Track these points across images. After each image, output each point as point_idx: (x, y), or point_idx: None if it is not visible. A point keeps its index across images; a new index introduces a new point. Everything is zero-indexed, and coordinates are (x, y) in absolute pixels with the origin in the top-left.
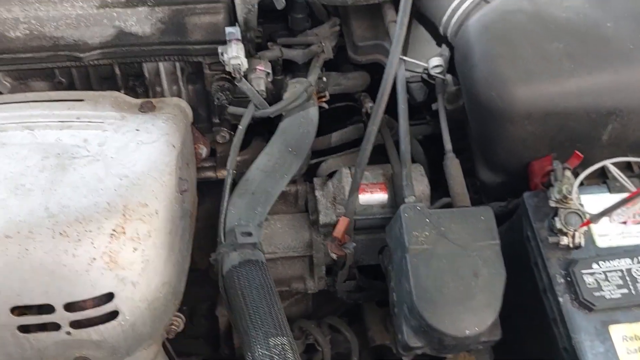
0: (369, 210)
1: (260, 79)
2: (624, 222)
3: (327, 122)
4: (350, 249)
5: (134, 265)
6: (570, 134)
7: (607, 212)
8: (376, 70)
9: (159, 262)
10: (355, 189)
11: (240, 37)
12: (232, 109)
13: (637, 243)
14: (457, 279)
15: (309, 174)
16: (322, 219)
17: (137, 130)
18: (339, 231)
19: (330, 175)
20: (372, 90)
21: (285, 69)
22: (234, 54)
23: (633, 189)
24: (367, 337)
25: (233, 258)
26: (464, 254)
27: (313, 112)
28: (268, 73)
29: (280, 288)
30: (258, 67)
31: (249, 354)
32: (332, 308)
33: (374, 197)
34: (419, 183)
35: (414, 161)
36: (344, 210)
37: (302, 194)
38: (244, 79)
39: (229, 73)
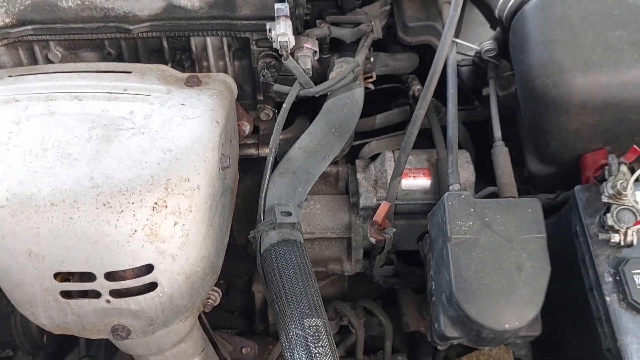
0: (410, 195)
1: (307, 57)
2: None
3: (372, 103)
4: (390, 234)
5: (174, 238)
6: (629, 126)
7: None
8: (425, 52)
9: (199, 237)
10: (398, 174)
11: (288, 14)
12: (277, 87)
13: None
14: (499, 271)
15: (350, 155)
16: (363, 202)
17: (183, 104)
18: (379, 216)
19: (373, 157)
20: (420, 73)
21: (333, 47)
22: (282, 31)
23: None
24: (402, 323)
25: (272, 237)
26: (508, 246)
27: (359, 93)
28: (315, 51)
29: (316, 269)
30: (305, 45)
31: (284, 333)
32: (367, 291)
33: (416, 182)
34: (464, 170)
35: (460, 147)
36: (385, 194)
37: (343, 176)
38: (290, 56)
39: (276, 50)
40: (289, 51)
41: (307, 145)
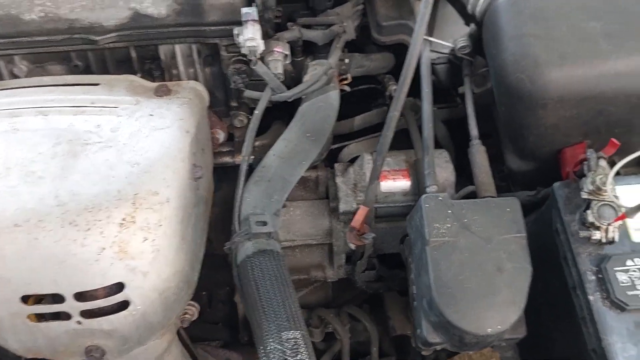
0: (390, 197)
1: (277, 62)
2: None
3: (351, 105)
4: (369, 239)
5: (144, 254)
6: (607, 119)
7: None
8: (401, 52)
9: (170, 252)
10: (375, 177)
11: (257, 18)
12: (248, 93)
13: None
14: (479, 273)
15: (330, 159)
16: (342, 206)
17: (151, 115)
18: (357, 221)
19: (352, 160)
20: (397, 72)
21: (306, 50)
22: (250, 36)
23: None
24: (388, 327)
25: (247, 248)
26: (487, 248)
27: (334, 96)
28: (286, 55)
29: (298, 276)
30: (275, 49)
31: (261, 347)
32: (352, 296)
33: (396, 184)
34: (443, 170)
35: (439, 146)
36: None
37: (323, 180)
38: (259, 61)
39: (246, 55)
40: (258, 56)
41: (282, 152)
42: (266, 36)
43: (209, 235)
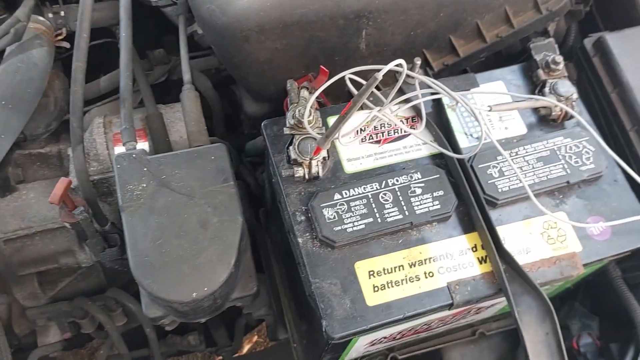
0: None
1: None
2: (378, 142)
3: (101, 64)
4: (81, 214)
5: None
6: (322, 47)
7: (329, 133)
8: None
9: None
10: (77, 142)
11: None
12: None
13: (389, 163)
14: (181, 234)
15: None
16: (75, 180)
17: None
18: (54, 196)
19: None
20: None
21: (10, 6)
22: None
23: (370, 105)
24: None
25: None
26: (189, 204)
27: (38, 55)
28: None
29: (46, 266)
30: None
31: None
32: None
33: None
34: (181, 124)
35: (203, 98)
36: (100, 167)
37: (66, 154)
38: None
39: None
40: None
41: None
42: None
43: None
